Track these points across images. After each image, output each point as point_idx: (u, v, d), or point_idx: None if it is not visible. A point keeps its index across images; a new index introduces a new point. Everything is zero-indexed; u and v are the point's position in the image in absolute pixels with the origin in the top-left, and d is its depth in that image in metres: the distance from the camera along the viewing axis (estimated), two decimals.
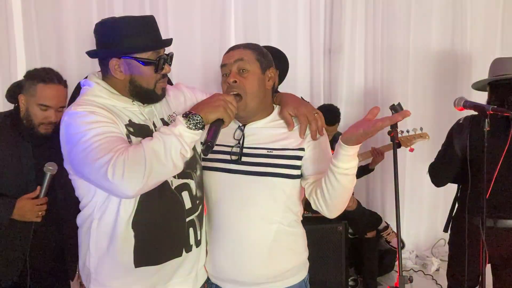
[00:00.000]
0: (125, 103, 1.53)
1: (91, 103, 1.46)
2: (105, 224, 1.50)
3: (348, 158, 1.49)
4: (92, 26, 1.60)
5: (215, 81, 1.99)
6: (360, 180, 4.00)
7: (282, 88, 1.90)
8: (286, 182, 1.65)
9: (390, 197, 4.10)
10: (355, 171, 1.55)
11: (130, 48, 1.48)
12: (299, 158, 1.66)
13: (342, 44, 3.84)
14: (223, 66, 1.68)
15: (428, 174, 2.57)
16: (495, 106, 1.99)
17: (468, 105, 2.09)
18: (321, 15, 3.80)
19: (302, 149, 1.66)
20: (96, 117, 1.40)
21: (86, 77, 1.58)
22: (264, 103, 1.71)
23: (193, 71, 3.46)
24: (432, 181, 2.58)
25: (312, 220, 3.39)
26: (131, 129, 1.49)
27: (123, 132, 1.46)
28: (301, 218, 1.79)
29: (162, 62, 1.53)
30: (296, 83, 3.74)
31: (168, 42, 1.58)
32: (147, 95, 1.55)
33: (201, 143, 1.51)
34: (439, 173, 2.52)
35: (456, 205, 2.53)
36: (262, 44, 1.80)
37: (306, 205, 1.83)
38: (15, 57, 3.03)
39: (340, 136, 1.50)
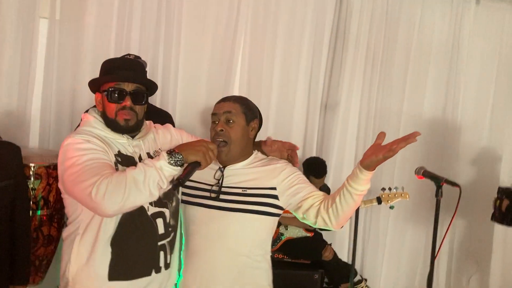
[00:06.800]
0: (116, 135, 1.74)
1: (87, 133, 1.68)
2: (87, 239, 1.67)
3: (366, 181, 1.68)
4: (108, 57, 1.80)
5: None
6: (344, 233, 4.13)
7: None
8: (256, 218, 1.82)
9: (371, 253, 4.21)
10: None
11: (102, 82, 1.73)
12: (272, 196, 1.84)
13: (338, 101, 4.06)
14: (213, 114, 1.90)
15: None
16: (447, 179, 2.40)
17: (427, 174, 2.42)
18: (322, 73, 4.04)
19: (274, 188, 1.84)
20: (90, 145, 1.62)
21: (87, 111, 1.82)
22: (245, 149, 1.91)
23: (196, 113, 3.72)
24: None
25: (290, 265, 3.49)
26: (119, 159, 1.69)
27: (112, 160, 1.66)
28: (270, 254, 1.94)
29: (117, 94, 1.70)
30: (291, 134, 3.94)
31: (130, 77, 1.72)
32: (112, 125, 1.73)
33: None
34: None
35: None
36: (263, 98, 2.01)
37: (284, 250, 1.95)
38: (34, 76, 3.23)
39: (360, 162, 1.66)
